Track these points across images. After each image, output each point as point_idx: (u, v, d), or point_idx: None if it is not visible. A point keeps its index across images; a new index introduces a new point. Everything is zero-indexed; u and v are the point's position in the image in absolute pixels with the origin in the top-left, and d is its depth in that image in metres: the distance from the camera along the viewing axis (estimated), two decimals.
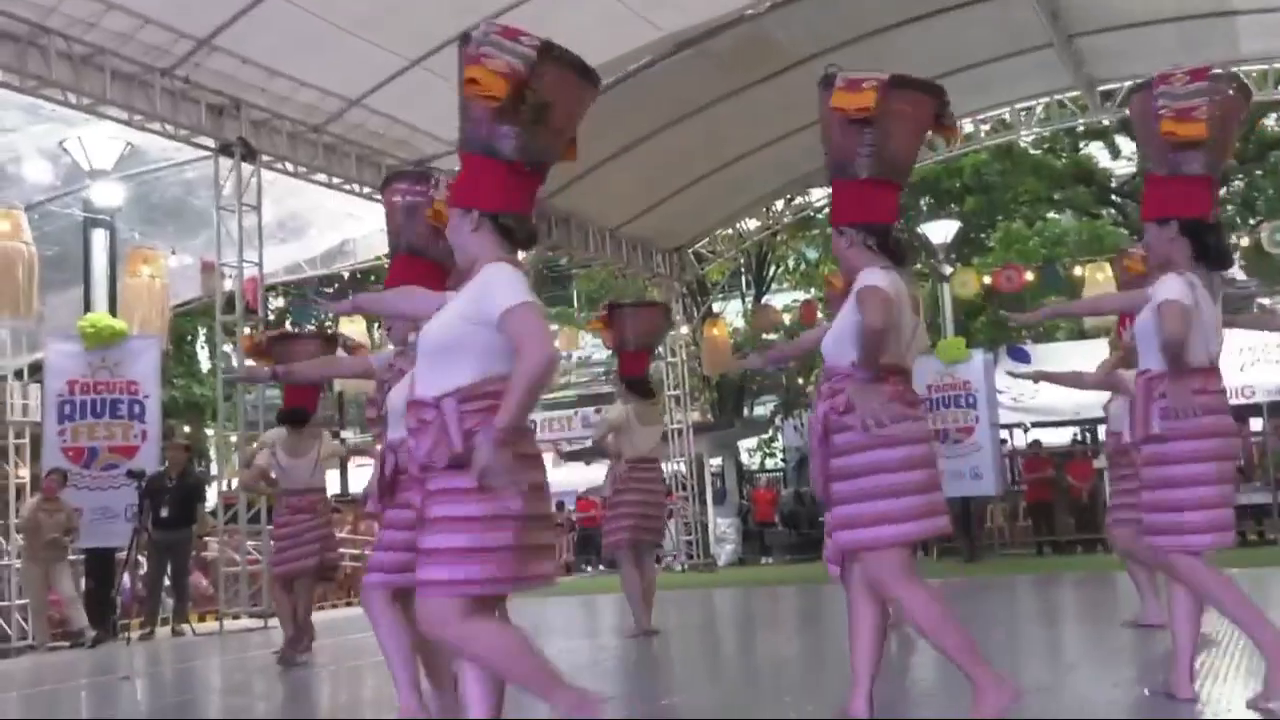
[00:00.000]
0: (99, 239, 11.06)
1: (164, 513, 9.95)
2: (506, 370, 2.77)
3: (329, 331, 9.63)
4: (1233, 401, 14.16)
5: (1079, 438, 17.88)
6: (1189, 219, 3.78)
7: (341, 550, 9.95)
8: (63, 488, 9.74)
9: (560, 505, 22.58)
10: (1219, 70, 3.92)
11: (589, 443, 18.38)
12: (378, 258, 14.68)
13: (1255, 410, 15.40)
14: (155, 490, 9.98)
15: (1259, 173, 19.91)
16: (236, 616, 10.73)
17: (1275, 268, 18.07)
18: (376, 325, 18.93)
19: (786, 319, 19.45)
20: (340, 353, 6.57)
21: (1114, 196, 21.79)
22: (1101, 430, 8.70)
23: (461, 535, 2.71)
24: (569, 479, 23.83)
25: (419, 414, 2.81)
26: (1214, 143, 3.78)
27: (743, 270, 22.43)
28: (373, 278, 21.78)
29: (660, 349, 14.90)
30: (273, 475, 7.08)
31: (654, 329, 7.79)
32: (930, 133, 3.77)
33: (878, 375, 3.43)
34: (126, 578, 10.37)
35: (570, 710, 2.71)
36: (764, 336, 20.66)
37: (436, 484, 2.77)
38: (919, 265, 19.24)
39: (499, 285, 2.79)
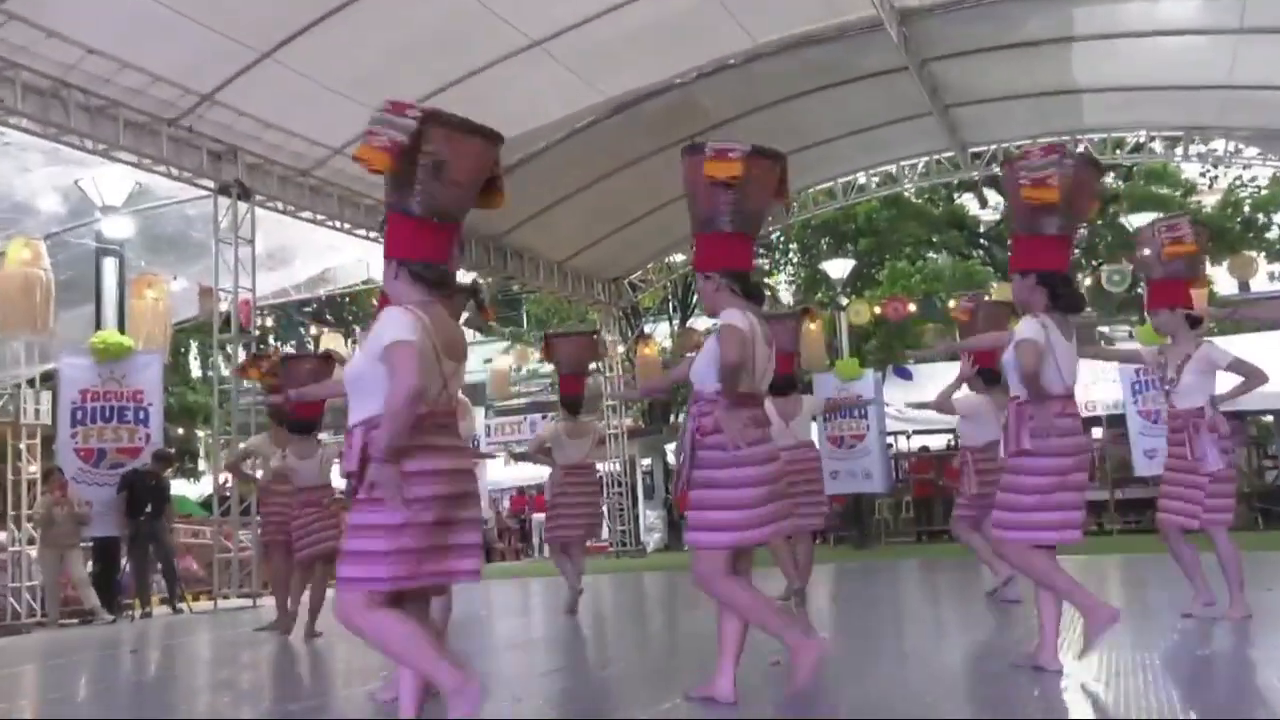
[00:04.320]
0: (109, 266, 10.96)
1: (148, 508, 9.96)
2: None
3: (322, 351, 9.67)
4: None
5: (953, 444, 18.38)
6: (1045, 271, 3.86)
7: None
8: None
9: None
10: (1069, 148, 4.06)
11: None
12: (354, 285, 14.81)
13: (1096, 421, 16.03)
14: (138, 487, 9.97)
15: (1099, 222, 20.68)
16: (226, 596, 10.68)
17: (1113, 303, 18.81)
18: (351, 340, 18.86)
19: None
20: (338, 370, 6.56)
21: (982, 240, 22.48)
22: None
23: (367, 540, 2.77)
24: (518, 475, 23.88)
25: (347, 439, 2.94)
26: (1066, 207, 3.81)
27: (670, 297, 22.70)
28: (347, 299, 21.69)
29: (599, 365, 15.09)
30: (258, 475, 7.14)
31: (585, 355, 7.77)
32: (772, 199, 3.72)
33: (736, 401, 3.46)
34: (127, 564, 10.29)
35: (452, 689, 2.75)
36: (687, 354, 20.90)
37: (359, 496, 2.84)
38: (819, 295, 19.67)
39: (386, 325, 2.83)
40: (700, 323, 22.85)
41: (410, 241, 2.98)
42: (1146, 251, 5.13)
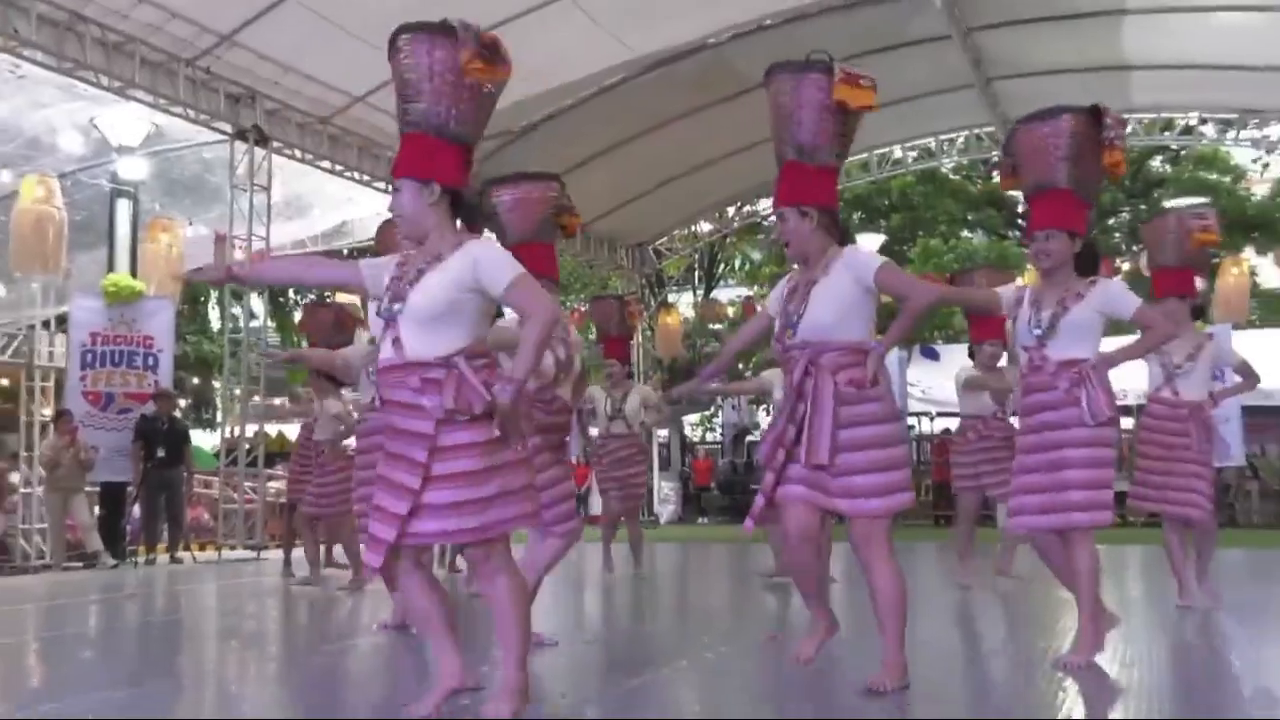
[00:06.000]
0: (123, 208, 10.92)
1: (160, 453, 9.83)
2: (485, 334, 2.80)
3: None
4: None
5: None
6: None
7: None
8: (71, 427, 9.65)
9: None
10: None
11: None
12: (372, 239, 14.66)
13: (1126, 411, 15.75)
14: (150, 433, 9.86)
15: (1143, 206, 20.30)
16: (233, 547, 10.73)
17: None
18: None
19: (730, 312, 19.62)
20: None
21: (1020, 221, 22.13)
22: None
23: (479, 488, 2.67)
24: None
25: (423, 374, 2.68)
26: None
27: (695, 266, 22.52)
28: (368, 255, 21.71)
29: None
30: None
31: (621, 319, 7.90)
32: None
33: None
34: (137, 509, 10.33)
35: None
36: (710, 326, 20.82)
37: (451, 439, 2.67)
38: None
39: (498, 259, 2.77)
40: (724, 294, 22.70)
41: (460, 169, 2.87)
42: (1167, 238, 5.19)
